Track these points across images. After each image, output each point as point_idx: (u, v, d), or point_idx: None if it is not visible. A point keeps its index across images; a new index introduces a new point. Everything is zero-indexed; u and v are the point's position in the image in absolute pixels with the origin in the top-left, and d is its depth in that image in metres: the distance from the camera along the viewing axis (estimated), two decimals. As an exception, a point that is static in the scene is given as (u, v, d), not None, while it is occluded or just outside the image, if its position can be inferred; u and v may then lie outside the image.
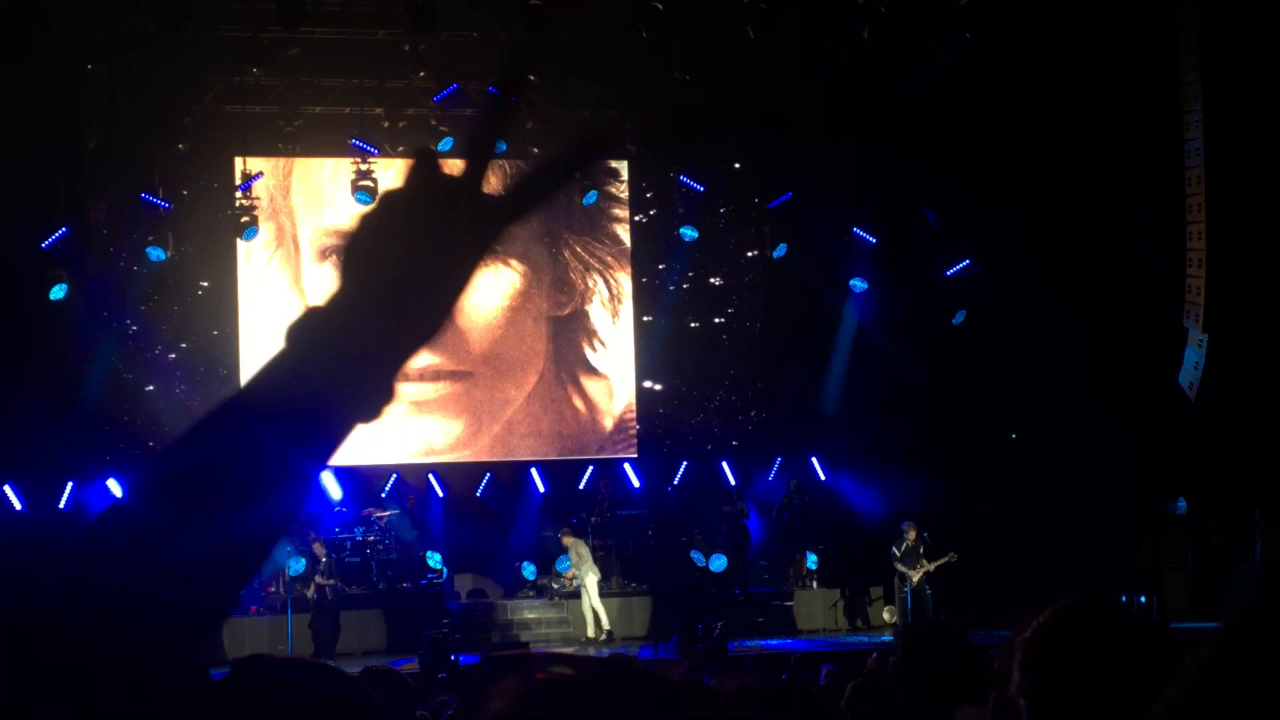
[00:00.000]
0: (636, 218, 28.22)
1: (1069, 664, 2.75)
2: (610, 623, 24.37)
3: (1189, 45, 23.13)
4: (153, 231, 24.78)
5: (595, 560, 24.90)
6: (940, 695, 4.77)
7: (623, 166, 28.07)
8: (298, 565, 23.48)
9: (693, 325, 28.24)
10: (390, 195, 1.72)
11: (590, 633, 24.13)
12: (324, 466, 1.78)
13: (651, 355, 28.00)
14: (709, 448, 27.96)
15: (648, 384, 27.99)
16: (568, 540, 24.49)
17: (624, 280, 28.07)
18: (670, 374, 28.10)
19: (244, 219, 24.85)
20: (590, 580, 24.21)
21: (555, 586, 25.30)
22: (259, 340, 26.35)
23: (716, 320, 28.45)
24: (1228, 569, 23.04)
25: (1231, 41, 22.55)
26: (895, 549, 24.22)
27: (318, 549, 23.62)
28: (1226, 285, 22.80)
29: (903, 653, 5.35)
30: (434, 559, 25.12)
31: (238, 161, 25.54)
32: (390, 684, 6.55)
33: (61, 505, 24.61)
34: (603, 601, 24.58)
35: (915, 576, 23.86)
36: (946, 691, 4.74)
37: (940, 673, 4.94)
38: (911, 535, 24.07)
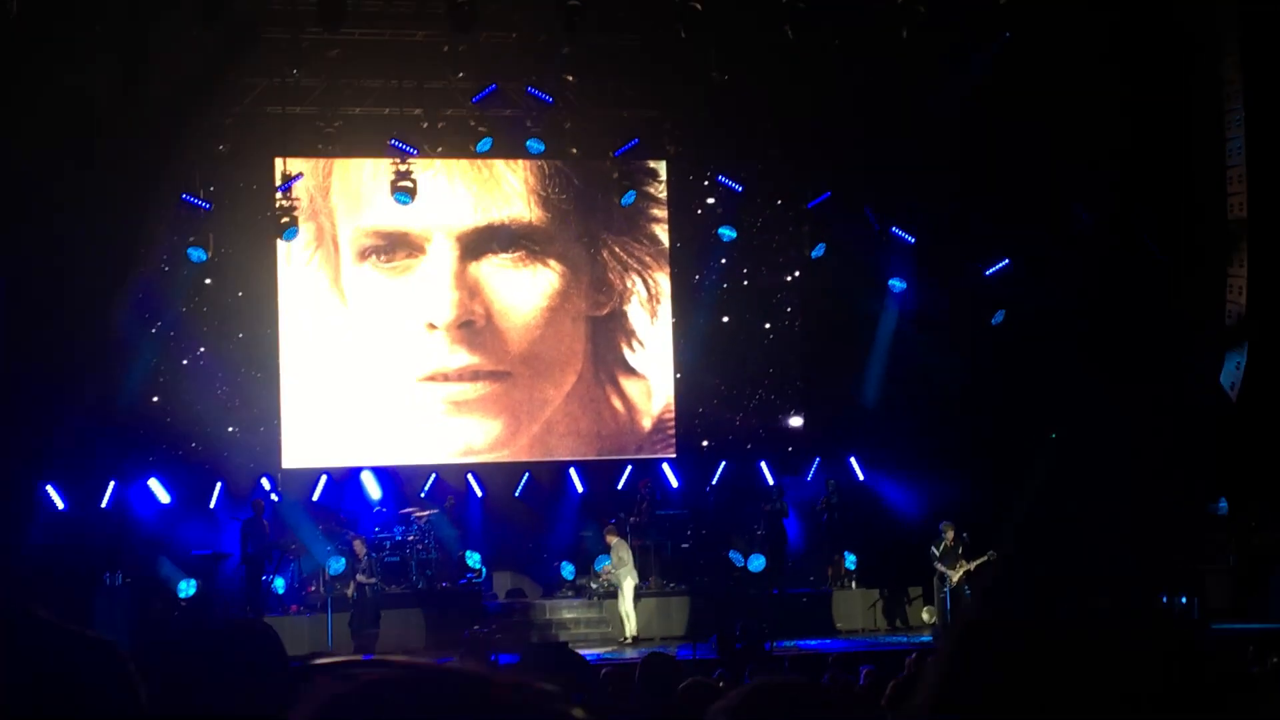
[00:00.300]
0: (675, 218, 28.22)
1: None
2: (648, 623, 24.44)
3: (1230, 44, 23.04)
4: (193, 232, 24.91)
5: (634, 561, 24.97)
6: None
7: (661, 166, 28.07)
8: (338, 565, 23.57)
9: (732, 324, 28.24)
10: None
11: (628, 632, 24.15)
12: None
13: (692, 355, 28.00)
14: (748, 447, 27.96)
15: (680, 377, 28.00)
16: (612, 539, 24.49)
17: (662, 280, 28.09)
18: (711, 373, 28.09)
19: (284, 220, 24.94)
20: (628, 584, 24.21)
21: (594, 586, 25.32)
22: (299, 341, 26.48)
23: (756, 320, 28.41)
24: (1269, 569, 22.93)
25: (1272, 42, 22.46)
26: (934, 549, 24.16)
27: (358, 547, 23.70)
28: (1264, 284, 22.70)
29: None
30: (473, 559, 25.17)
31: (278, 162, 25.62)
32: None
33: (104, 505, 24.79)
34: (641, 601, 24.63)
35: (955, 576, 23.79)
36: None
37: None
38: (950, 535, 24.01)
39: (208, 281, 25.96)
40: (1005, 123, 24.32)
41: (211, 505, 25.49)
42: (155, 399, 25.59)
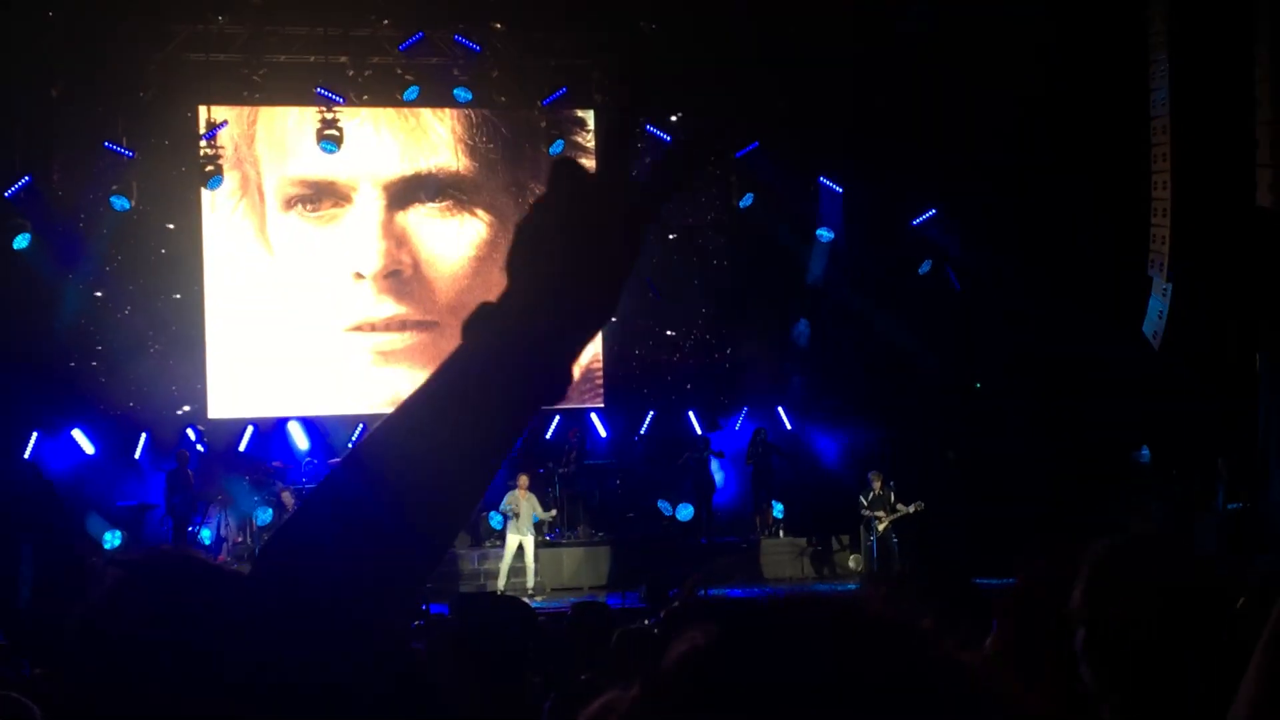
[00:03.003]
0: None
1: (1134, 594, 2.79)
2: (576, 572, 24.53)
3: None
4: (116, 180, 24.67)
5: (560, 511, 25.09)
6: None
7: (589, 116, 27.96)
8: (265, 515, 23.51)
9: (659, 275, 28.16)
10: (540, 201, 1.78)
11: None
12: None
13: (620, 305, 27.85)
14: (675, 397, 27.98)
15: (608, 326, 27.97)
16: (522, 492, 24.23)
17: (591, 230, 27.96)
18: (639, 323, 28.03)
19: (208, 168, 24.74)
20: (529, 541, 24.00)
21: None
22: (224, 291, 26.29)
23: (683, 270, 28.33)
24: (1190, 518, 23.18)
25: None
26: (862, 498, 24.37)
27: (286, 498, 23.66)
28: (1192, 231, 22.84)
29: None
30: (400, 509, 25.07)
31: (202, 110, 25.39)
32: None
33: (26, 456, 24.57)
34: (569, 550, 24.76)
35: (881, 525, 24.02)
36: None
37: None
38: (878, 484, 24.24)
39: (130, 228, 25.67)
40: (934, 71, 24.37)
41: (136, 456, 25.32)
42: (77, 349, 25.33)
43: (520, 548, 23.95)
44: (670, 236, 28.07)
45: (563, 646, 7.85)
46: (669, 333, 28.37)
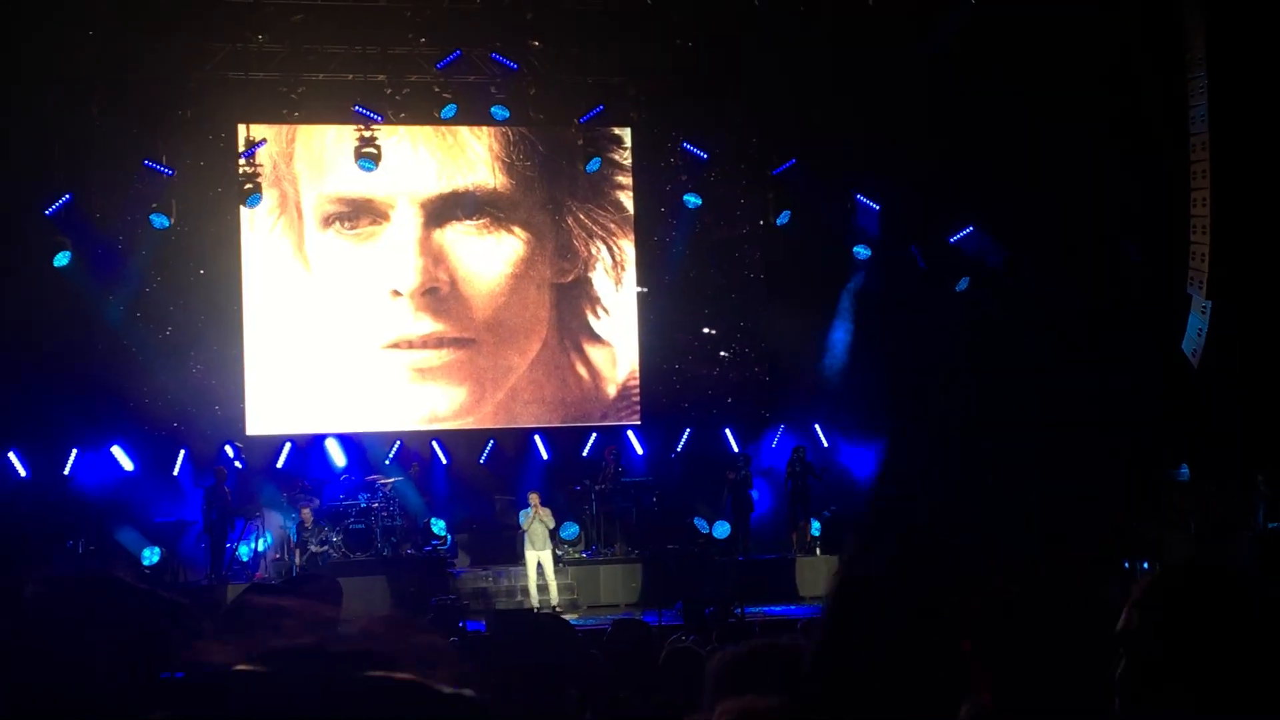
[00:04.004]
0: (640, 185, 28.15)
1: (1188, 625, 2.74)
2: (613, 589, 24.53)
3: (1194, 11, 23.05)
4: (156, 198, 24.80)
5: (597, 528, 25.07)
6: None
7: (626, 133, 28.01)
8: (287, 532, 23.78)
9: (697, 292, 28.13)
10: None
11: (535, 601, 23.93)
12: None
13: (657, 322, 27.96)
14: (713, 414, 27.96)
15: (645, 344, 27.96)
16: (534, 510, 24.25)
17: (627, 247, 28.05)
18: (676, 341, 28.05)
19: (247, 186, 24.85)
20: (546, 556, 24.03)
21: (559, 553, 25.32)
22: (263, 308, 26.40)
23: (721, 287, 28.27)
24: (1230, 535, 23.06)
25: (1236, 7, 22.47)
26: (898, 516, 24.29)
27: (305, 515, 23.77)
28: (1231, 251, 22.76)
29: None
30: (438, 526, 25.16)
31: (241, 128, 25.51)
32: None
33: (66, 472, 24.69)
34: (606, 568, 24.78)
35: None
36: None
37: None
38: (914, 502, 24.17)
39: (169, 247, 25.78)
40: (972, 89, 24.33)
41: (175, 473, 25.41)
42: (119, 368, 25.41)
43: (540, 565, 23.97)
44: (710, 251, 28.07)
45: (601, 663, 7.84)
46: (707, 352, 28.33)
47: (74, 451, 24.79)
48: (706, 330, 28.24)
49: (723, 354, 28.40)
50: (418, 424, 26.95)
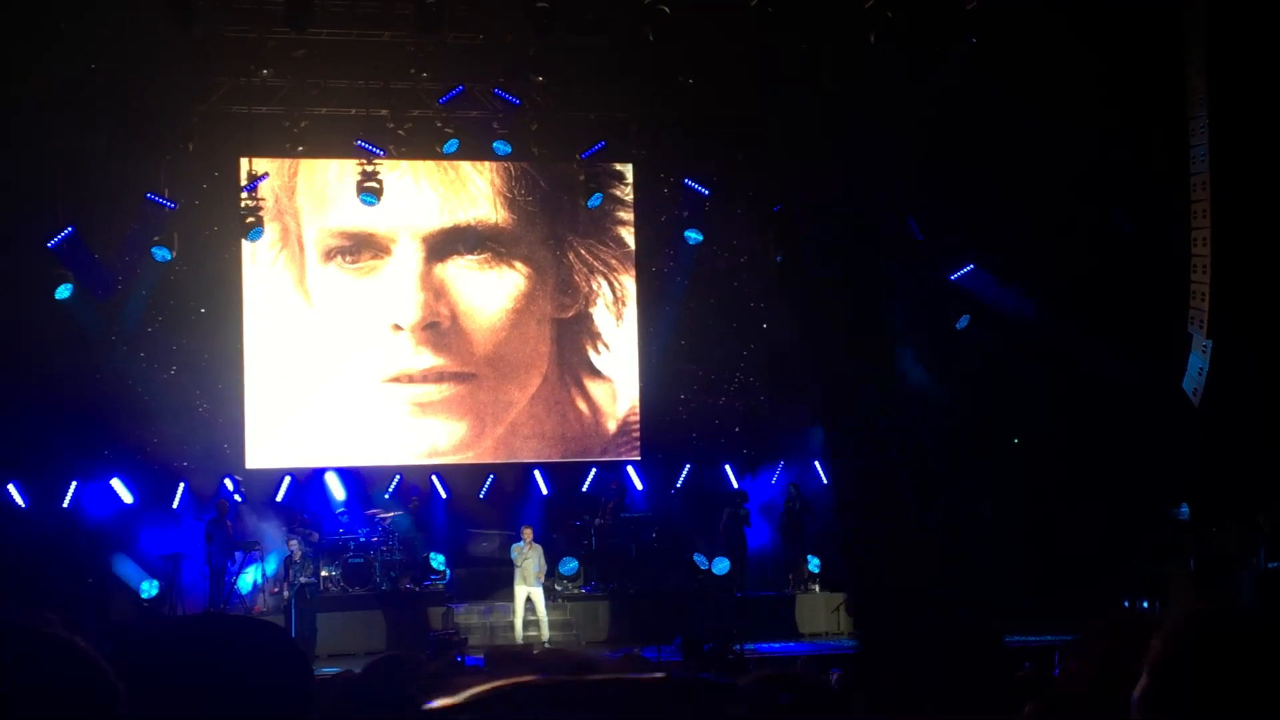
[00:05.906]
0: (641, 222, 28.19)
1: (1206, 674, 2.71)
2: (614, 625, 24.51)
3: (1195, 49, 23.09)
4: (158, 231, 24.82)
5: (593, 563, 25.10)
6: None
7: (627, 169, 28.07)
8: (271, 565, 23.95)
9: (697, 328, 28.12)
10: None
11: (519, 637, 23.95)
12: None
13: (657, 358, 27.96)
14: (712, 451, 27.94)
15: (645, 380, 27.94)
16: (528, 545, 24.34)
17: (628, 283, 28.08)
18: (676, 377, 28.06)
19: (249, 220, 24.87)
20: (538, 592, 24.07)
21: (558, 589, 25.29)
22: (263, 342, 26.42)
23: (721, 323, 28.25)
24: (1230, 573, 23.01)
25: (1237, 46, 22.51)
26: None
27: (293, 546, 23.64)
28: (1231, 290, 22.76)
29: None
30: (437, 560, 25.14)
31: (243, 162, 25.56)
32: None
33: (65, 504, 24.67)
34: (606, 603, 24.77)
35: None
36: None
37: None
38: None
39: (171, 283, 25.81)
40: (973, 126, 24.36)
41: (174, 506, 25.39)
42: (119, 397, 25.41)
43: (529, 600, 23.95)
44: (711, 287, 28.09)
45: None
46: (706, 388, 28.32)
47: (74, 483, 24.78)
48: (707, 368, 28.22)
49: (723, 394, 28.37)
50: (418, 458, 26.94)
